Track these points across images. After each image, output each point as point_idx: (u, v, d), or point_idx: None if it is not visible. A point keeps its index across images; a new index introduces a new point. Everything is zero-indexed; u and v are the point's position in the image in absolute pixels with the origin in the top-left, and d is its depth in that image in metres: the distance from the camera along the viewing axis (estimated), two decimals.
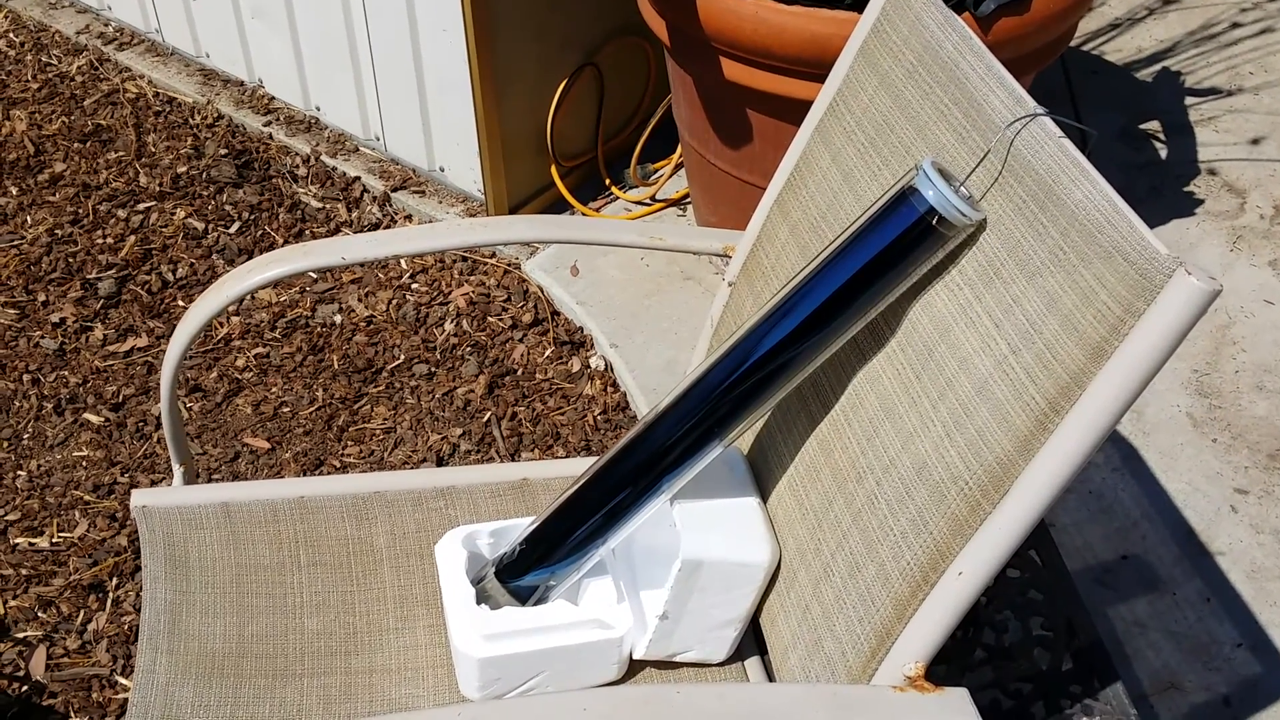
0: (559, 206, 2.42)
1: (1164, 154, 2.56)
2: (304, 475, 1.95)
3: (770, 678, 1.21)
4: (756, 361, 1.06)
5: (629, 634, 1.18)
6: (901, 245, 1.00)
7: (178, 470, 1.37)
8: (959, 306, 0.99)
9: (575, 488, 1.16)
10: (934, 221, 0.98)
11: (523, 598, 1.19)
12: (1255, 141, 2.56)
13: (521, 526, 1.24)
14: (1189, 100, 2.69)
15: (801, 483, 1.14)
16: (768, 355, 1.06)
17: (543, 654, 1.16)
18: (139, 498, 1.30)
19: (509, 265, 2.31)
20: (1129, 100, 2.71)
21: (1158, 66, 2.80)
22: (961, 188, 1.01)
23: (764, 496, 1.21)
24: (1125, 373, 0.83)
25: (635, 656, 1.19)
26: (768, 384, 1.07)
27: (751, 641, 1.24)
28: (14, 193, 2.48)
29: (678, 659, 1.20)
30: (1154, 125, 2.63)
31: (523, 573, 1.18)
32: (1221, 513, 1.88)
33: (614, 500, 1.13)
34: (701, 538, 1.13)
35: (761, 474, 1.22)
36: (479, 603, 1.19)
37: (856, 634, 1.01)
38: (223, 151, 2.58)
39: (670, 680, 1.21)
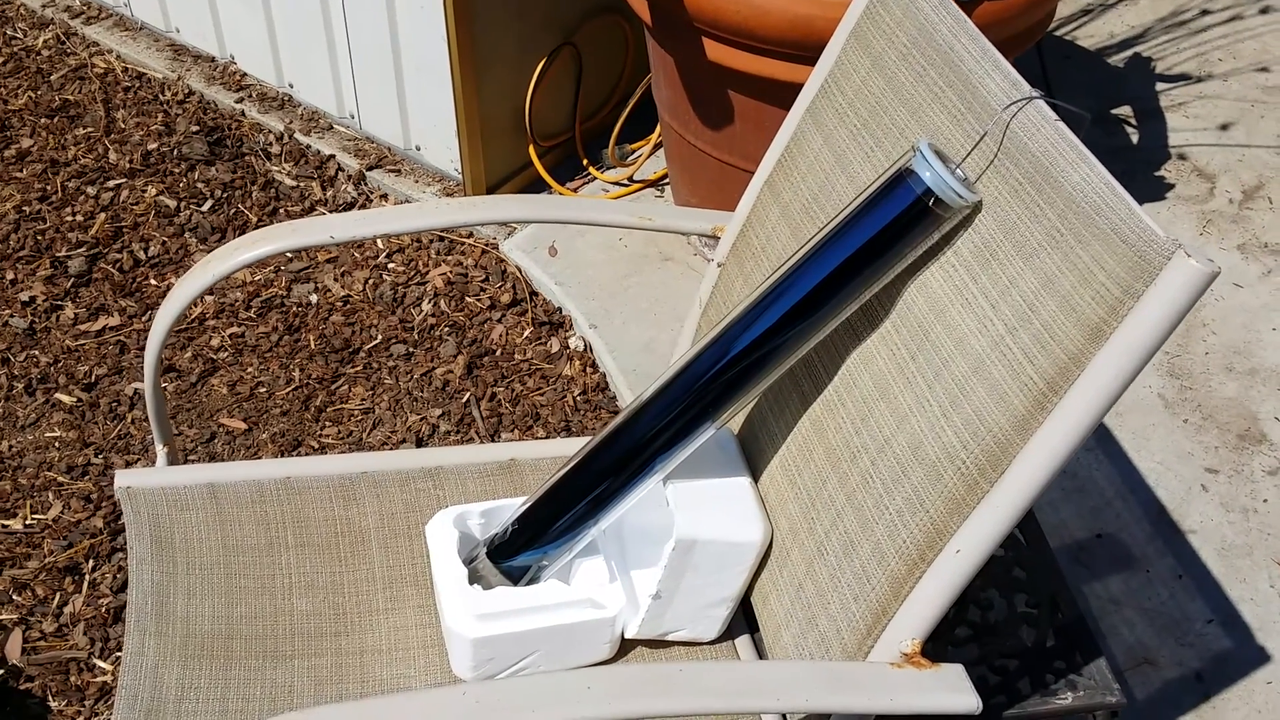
0: (537, 187, 2.41)
1: (1135, 139, 2.58)
2: (282, 456, 1.94)
3: (760, 656, 1.22)
4: (751, 343, 1.06)
5: (621, 613, 1.18)
6: (898, 227, 1.00)
7: (161, 451, 1.36)
8: (955, 288, 1.00)
9: (567, 468, 1.16)
10: (930, 203, 0.99)
11: (515, 578, 1.19)
12: (1224, 127, 2.59)
13: (512, 507, 1.24)
14: (1160, 86, 2.72)
15: (794, 462, 1.15)
16: (763, 337, 1.06)
17: (536, 633, 1.16)
18: (123, 479, 1.29)
19: (486, 245, 2.30)
20: (1101, 86, 2.73)
21: (1129, 52, 2.82)
22: (958, 170, 1.01)
23: (755, 476, 1.22)
24: (1124, 353, 0.84)
25: (627, 636, 1.20)
26: (762, 365, 1.07)
27: (741, 620, 1.24)
28: None
29: (669, 638, 1.21)
30: (1125, 110, 2.65)
31: (515, 553, 1.18)
32: (1193, 491, 1.91)
33: (607, 481, 1.14)
34: (695, 517, 1.14)
35: (753, 453, 1.23)
36: (471, 583, 1.19)
37: (851, 612, 1.02)
38: (194, 128, 2.55)
39: (662, 659, 1.22)
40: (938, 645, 1.28)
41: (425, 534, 1.25)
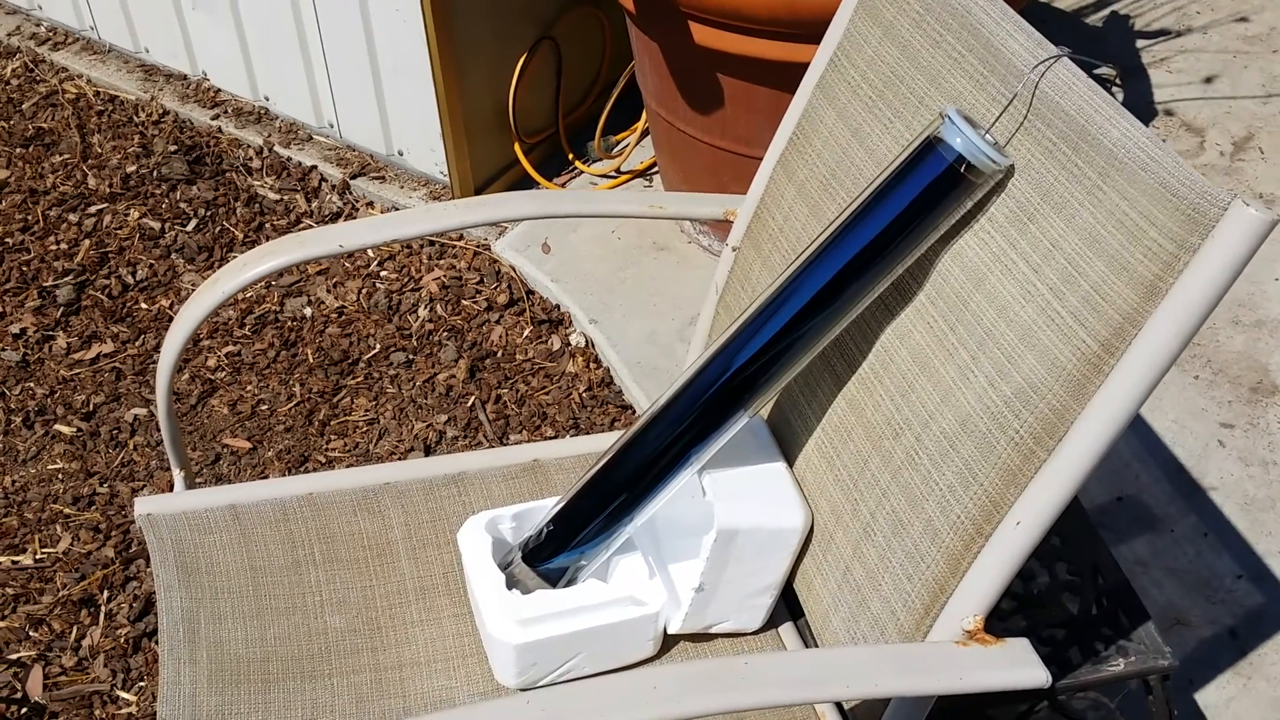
0: (524, 184, 2.38)
1: (1120, 98, 2.57)
2: (289, 472, 1.91)
3: (806, 643, 1.20)
4: (782, 328, 1.04)
5: (663, 609, 1.16)
6: (930, 197, 0.98)
7: (178, 475, 1.33)
8: (992, 255, 0.98)
9: (599, 466, 1.14)
10: (963, 170, 0.97)
11: (553, 580, 1.17)
12: (1208, 80, 2.59)
13: (544, 509, 1.21)
14: (1140, 43, 2.71)
15: (831, 444, 1.13)
16: (793, 321, 1.04)
17: (579, 635, 1.14)
18: (143, 505, 1.26)
19: (478, 247, 2.27)
20: (1080, 47, 2.72)
21: (1106, 11, 2.81)
22: (987, 134, 0.99)
23: (790, 461, 1.20)
24: (1185, 308, 0.82)
25: (670, 631, 1.18)
26: (795, 349, 1.05)
27: (784, 608, 1.22)
28: None
29: (713, 630, 1.19)
30: (1107, 70, 2.64)
31: (551, 555, 1.16)
32: (1210, 448, 1.90)
33: (641, 476, 1.11)
34: (734, 506, 1.12)
35: (786, 438, 1.21)
36: (509, 588, 1.16)
37: (906, 592, 1.00)
38: (172, 148, 2.51)
39: (706, 653, 1.20)
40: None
41: (457, 541, 1.22)
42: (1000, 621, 1.27)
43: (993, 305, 0.97)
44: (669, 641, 1.20)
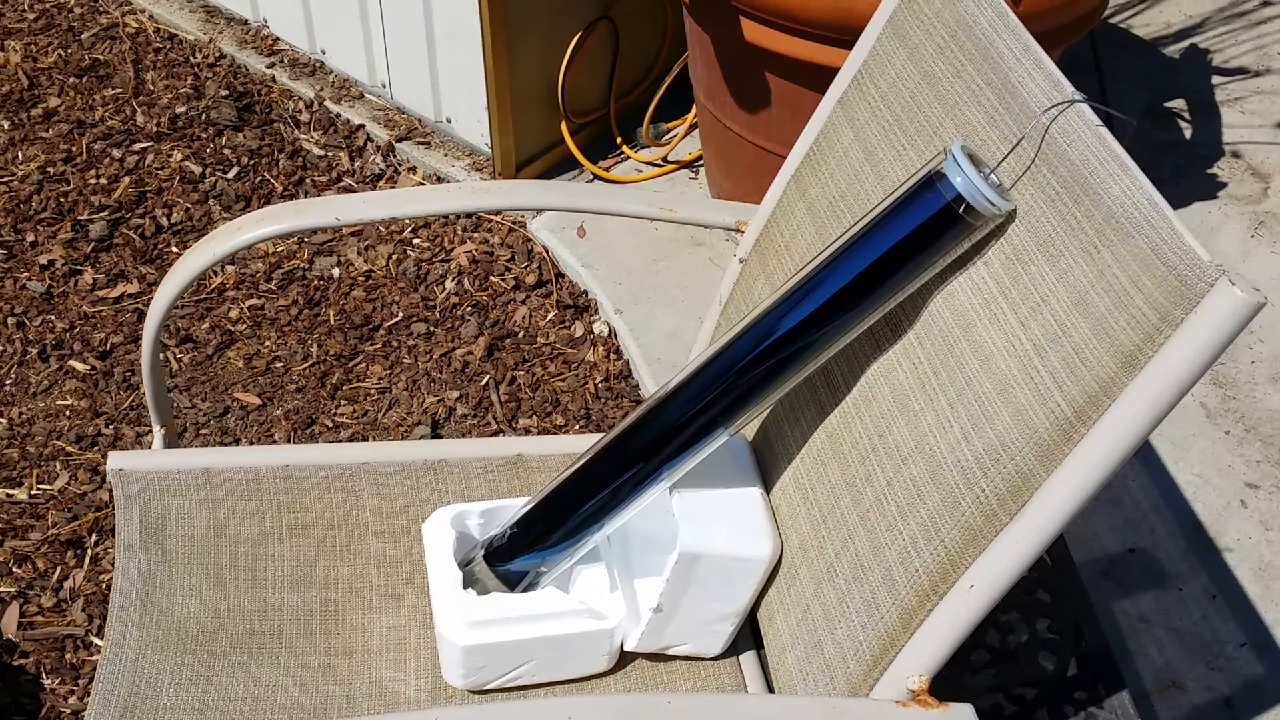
0: (568, 164, 2.35)
1: (1188, 134, 2.49)
2: (295, 433, 1.90)
3: (766, 674, 1.17)
4: (767, 348, 1.01)
5: (621, 625, 1.13)
6: (925, 233, 0.94)
7: (158, 432, 1.32)
8: (983, 301, 0.94)
9: (571, 471, 1.11)
10: (961, 210, 0.92)
11: (512, 583, 1.14)
12: None
13: (514, 507, 1.19)
14: (1215, 79, 2.62)
15: (807, 476, 1.09)
16: (778, 342, 1.00)
17: (530, 643, 1.11)
18: (116, 460, 1.25)
19: (514, 224, 2.25)
20: (1154, 77, 2.63)
21: (1185, 43, 2.72)
22: (992, 175, 0.95)
23: (768, 487, 1.16)
24: (1159, 385, 0.77)
25: (627, 648, 1.15)
26: (777, 373, 1.02)
27: (749, 635, 1.19)
28: (5, 127, 2.42)
29: (670, 651, 1.15)
30: (1179, 104, 2.56)
31: (512, 557, 1.14)
32: (1231, 507, 1.83)
33: (610, 486, 1.08)
34: (700, 529, 1.09)
35: (766, 463, 1.17)
36: (466, 586, 1.14)
37: (859, 640, 0.96)
38: (223, 93, 2.51)
39: (663, 674, 1.17)
40: (953, 670, 1.22)
41: (422, 532, 1.20)
42: (971, 674, 1.23)
43: (976, 354, 0.93)
44: (626, 658, 1.17)
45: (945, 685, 0.96)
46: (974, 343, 0.93)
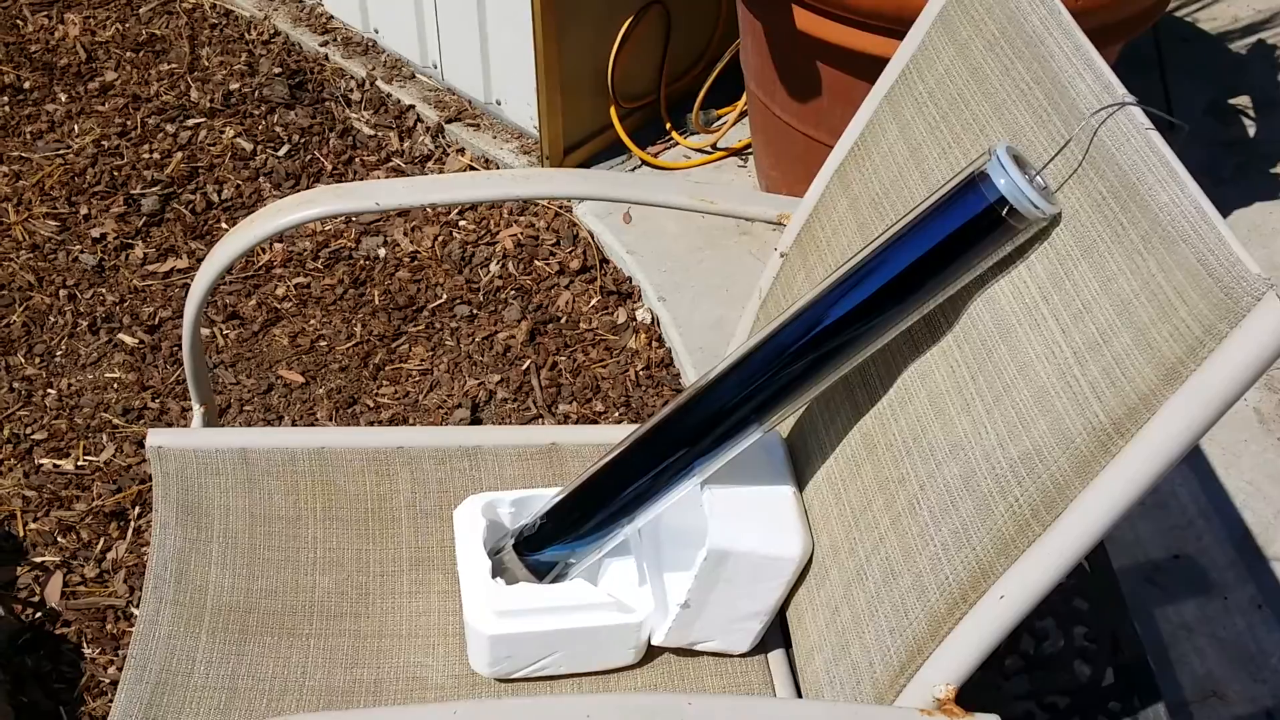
0: (616, 149, 2.34)
1: (1252, 132, 2.43)
2: (336, 412, 1.91)
3: (794, 674, 1.16)
4: (803, 346, 0.99)
5: (648, 619, 1.13)
6: (967, 235, 0.92)
7: (198, 411, 1.33)
8: (1024, 306, 0.92)
9: (603, 463, 1.10)
10: (1004, 212, 0.91)
11: (540, 573, 1.14)
12: None
13: (545, 497, 1.18)
14: None
15: (841, 477, 1.08)
16: (815, 340, 0.99)
17: (557, 634, 1.11)
18: (155, 438, 1.26)
19: (560, 208, 2.24)
20: (1220, 72, 2.58)
21: (1253, 38, 2.66)
22: (1037, 177, 0.93)
23: (801, 486, 1.15)
24: (1200, 400, 0.75)
25: (654, 642, 1.14)
26: (814, 370, 1.00)
27: (778, 633, 1.18)
28: (63, 99, 2.44)
29: (698, 648, 1.15)
30: (1244, 100, 2.50)
31: (542, 547, 1.13)
32: None
33: (642, 479, 1.08)
34: (731, 526, 1.08)
35: (800, 462, 1.16)
36: (495, 575, 1.14)
37: (886, 645, 0.95)
38: (277, 70, 2.52)
39: (689, 670, 1.16)
40: (985, 675, 1.21)
41: (453, 519, 1.20)
42: (1004, 680, 1.21)
43: (1015, 360, 0.91)
44: (653, 652, 1.17)
45: (977, 690, 0.95)
46: (1013, 347, 0.91)
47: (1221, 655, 1.64)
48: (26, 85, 2.48)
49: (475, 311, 2.08)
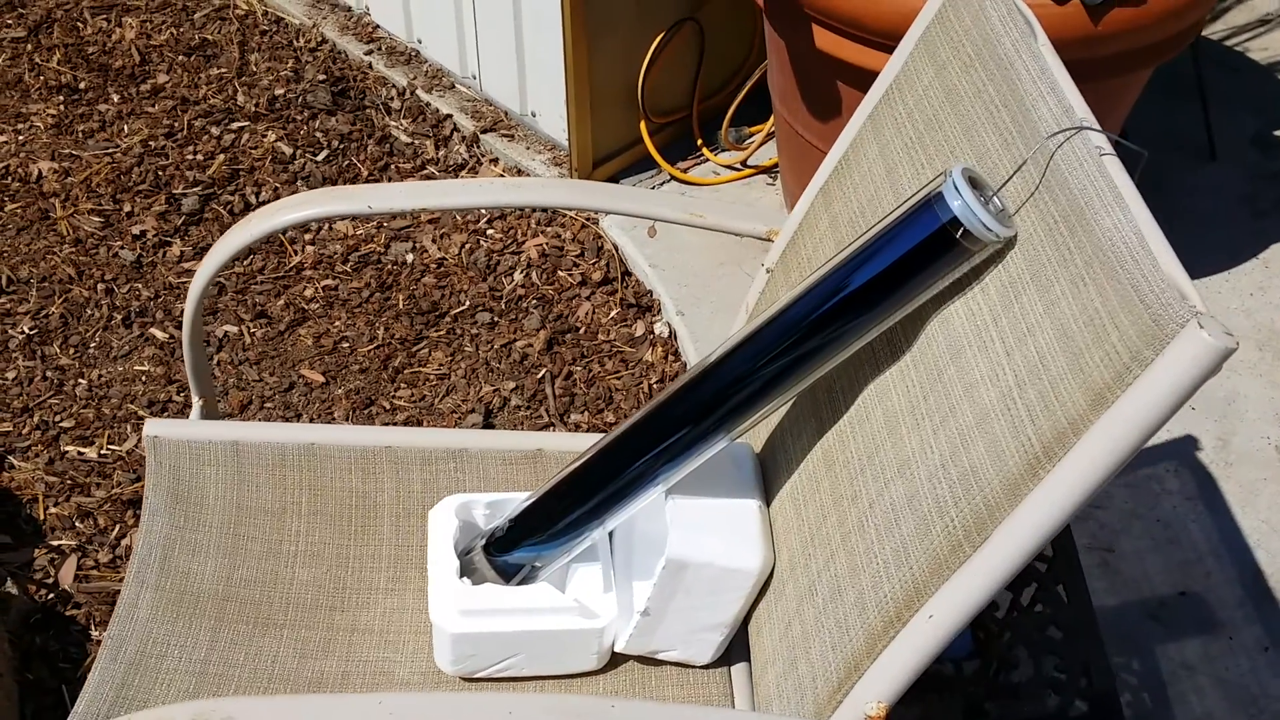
0: (646, 163, 2.36)
1: None
2: (353, 413, 1.95)
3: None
4: (759, 363, 1.00)
5: (611, 625, 1.14)
6: (921, 255, 0.93)
7: (197, 403, 1.37)
8: (975, 328, 0.92)
9: (570, 469, 1.12)
10: (958, 234, 0.91)
11: (508, 575, 1.15)
12: None
13: (520, 500, 1.20)
14: None
15: (802, 492, 1.08)
16: (771, 358, 1.00)
17: (519, 636, 1.12)
18: (151, 427, 1.30)
19: (587, 220, 2.26)
20: (1268, 103, 2.54)
21: None
22: (994, 200, 0.93)
23: (768, 499, 1.16)
24: (1123, 427, 0.75)
25: (616, 649, 1.15)
26: (770, 387, 1.01)
27: (743, 646, 1.18)
28: (115, 100, 2.51)
29: (660, 656, 1.16)
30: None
31: (510, 549, 1.15)
32: None
33: (607, 486, 1.09)
34: (691, 537, 1.08)
35: (769, 476, 1.17)
36: (463, 575, 1.16)
37: (829, 661, 0.95)
38: (321, 77, 2.57)
39: (652, 678, 1.17)
40: (951, 701, 1.20)
41: (428, 518, 1.22)
42: (974, 708, 1.20)
43: (962, 381, 0.91)
44: (618, 659, 1.18)
45: (944, 715, 0.95)
46: (962, 369, 0.92)
47: (1222, 696, 1.61)
48: (82, 85, 2.56)
49: (496, 319, 2.10)
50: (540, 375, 2.01)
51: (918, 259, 0.93)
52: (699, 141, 2.38)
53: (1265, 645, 1.66)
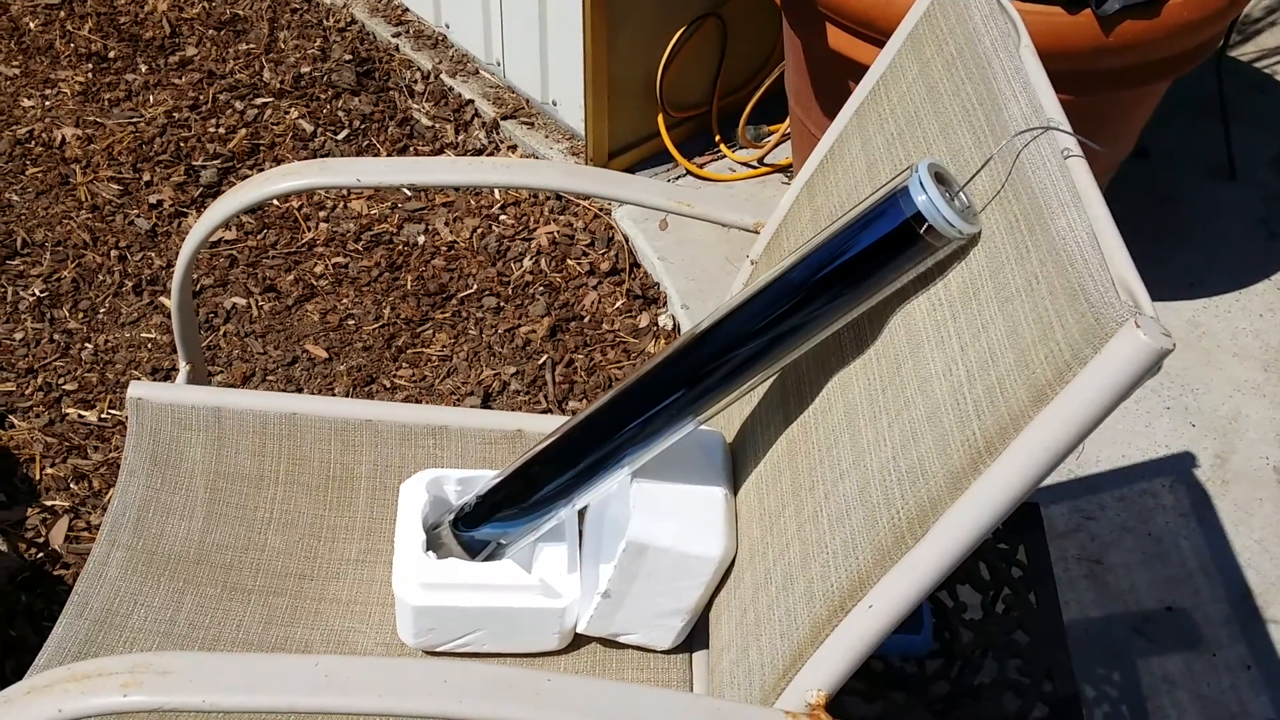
0: (663, 157, 2.36)
1: None
2: (354, 389, 1.96)
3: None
4: (723, 349, 1.00)
5: (573, 605, 1.15)
6: (883, 249, 0.93)
7: (183, 368, 1.38)
8: (935, 323, 0.92)
9: (538, 449, 1.12)
10: (922, 229, 0.91)
11: (474, 551, 1.16)
12: None
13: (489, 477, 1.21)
14: None
15: (765, 481, 1.09)
16: (734, 344, 1.00)
17: (479, 611, 1.13)
18: (136, 389, 1.31)
19: (599, 210, 2.27)
20: None
21: None
22: (960, 197, 0.93)
23: (736, 488, 1.16)
24: (1058, 424, 0.75)
25: (578, 630, 1.16)
26: (735, 374, 1.01)
27: (704, 633, 1.19)
28: (143, 70, 2.54)
29: (621, 640, 1.16)
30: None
31: (476, 526, 1.16)
32: None
33: (573, 467, 1.10)
34: (652, 521, 1.09)
35: (738, 464, 1.17)
36: (429, 549, 1.16)
37: (777, 649, 0.96)
38: (347, 57, 2.59)
39: (613, 660, 1.17)
40: (910, 699, 1.20)
41: (399, 491, 1.23)
42: (932, 707, 1.20)
43: (918, 375, 0.91)
44: (581, 640, 1.18)
45: (901, 715, 0.95)
46: (919, 364, 0.91)
47: (1202, 713, 1.60)
48: (111, 55, 2.59)
49: (502, 304, 2.11)
50: (541, 361, 2.02)
51: (881, 252, 0.93)
52: (717, 138, 2.39)
53: (1248, 664, 1.64)
